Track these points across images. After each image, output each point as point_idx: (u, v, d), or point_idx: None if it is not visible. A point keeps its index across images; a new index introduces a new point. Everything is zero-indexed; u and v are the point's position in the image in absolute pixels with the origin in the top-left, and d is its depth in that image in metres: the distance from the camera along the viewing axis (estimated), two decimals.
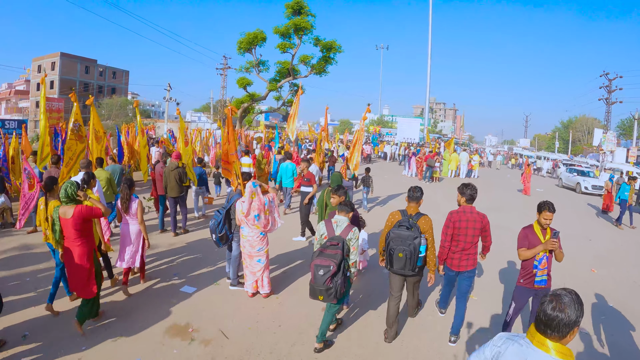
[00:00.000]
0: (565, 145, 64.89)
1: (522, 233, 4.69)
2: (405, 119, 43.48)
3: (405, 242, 4.44)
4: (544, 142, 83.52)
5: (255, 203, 5.64)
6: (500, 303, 6.35)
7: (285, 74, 34.32)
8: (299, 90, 17.75)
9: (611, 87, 39.62)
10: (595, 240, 10.90)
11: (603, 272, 8.21)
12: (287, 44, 31.59)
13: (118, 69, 65.05)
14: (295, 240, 8.84)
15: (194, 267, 7.23)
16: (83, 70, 58.52)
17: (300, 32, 31.09)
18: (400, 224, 4.56)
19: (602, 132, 39.95)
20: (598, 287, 7.34)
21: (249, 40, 32.32)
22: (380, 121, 66.24)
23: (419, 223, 4.65)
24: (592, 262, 8.77)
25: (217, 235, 5.98)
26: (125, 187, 5.87)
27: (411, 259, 4.43)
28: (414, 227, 4.51)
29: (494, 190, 19.60)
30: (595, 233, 11.91)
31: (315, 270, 4.23)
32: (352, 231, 4.52)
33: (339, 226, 4.58)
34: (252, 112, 36.53)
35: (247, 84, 33.71)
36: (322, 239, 4.62)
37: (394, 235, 4.52)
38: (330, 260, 4.19)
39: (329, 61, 33.15)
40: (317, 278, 4.21)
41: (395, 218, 4.76)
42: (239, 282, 6.29)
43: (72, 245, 4.56)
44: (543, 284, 4.52)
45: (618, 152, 37.49)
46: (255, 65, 33.83)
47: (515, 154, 50.79)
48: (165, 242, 8.48)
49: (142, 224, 5.92)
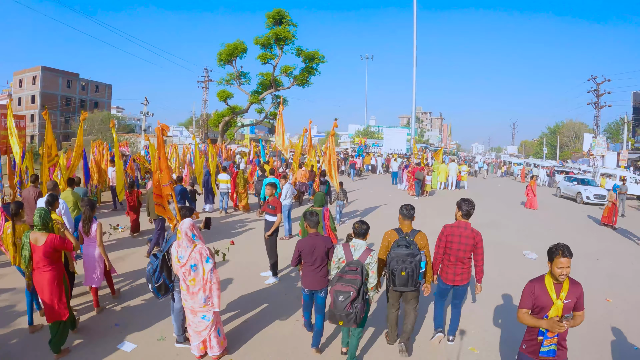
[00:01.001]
0: (553, 150, 64.70)
1: (528, 288, 3.58)
2: (391, 130, 42.71)
3: (406, 260, 4.50)
4: (531, 149, 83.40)
5: (195, 253, 4.44)
6: (498, 356, 5.17)
7: (267, 86, 33.28)
8: (280, 105, 16.88)
9: (599, 90, 39.17)
10: (603, 259, 9.83)
11: (619, 301, 7.11)
12: (268, 55, 30.61)
13: (101, 83, 63.76)
14: (263, 275, 7.55)
15: (142, 312, 6.00)
16: (65, 85, 57.14)
17: (281, 42, 30.14)
18: (399, 244, 4.60)
19: (592, 137, 39.56)
20: (617, 321, 6.23)
21: (229, 52, 31.31)
22: (367, 132, 65.49)
23: (415, 240, 4.76)
24: (604, 289, 7.67)
25: (154, 285, 4.77)
26: (87, 208, 5.81)
27: (413, 276, 4.52)
28: (413, 245, 4.60)
29: (487, 202, 18.47)
30: (603, 250, 10.83)
31: (335, 296, 4.23)
32: (371, 255, 4.46)
33: (357, 250, 4.52)
34: (233, 126, 35.28)
35: (227, 97, 32.59)
36: (340, 263, 4.53)
37: (395, 255, 4.55)
38: (350, 286, 4.19)
39: (312, 72, 32.22)
40: (337, 304, 4.21)
41: (392, 237, 4.81)
42: (186, 338, 5.04)
43: (42, 270, 4.55)
44: (551, 354, 3.44)
45: (609, 156, 37.02)
46: (236, 78, 32.76)
47: (502, 161, 50.21)
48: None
49: (101, 246, 5.81)
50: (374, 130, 66.79)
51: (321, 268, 4.91)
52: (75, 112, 54.63)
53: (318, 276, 4.90)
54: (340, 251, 4.57)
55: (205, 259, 4.42)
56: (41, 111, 52.83)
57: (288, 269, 8.01)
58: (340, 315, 4.22)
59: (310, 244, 4.89)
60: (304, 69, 32.08)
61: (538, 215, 15.98)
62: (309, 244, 4.89)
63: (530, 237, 11.65)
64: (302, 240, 5.07)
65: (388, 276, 4.72)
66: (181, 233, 4.43)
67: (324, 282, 4.93)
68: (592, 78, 39.61)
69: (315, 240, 4.91)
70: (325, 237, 5.06)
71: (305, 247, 4.89)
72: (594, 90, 39.82)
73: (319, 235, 5.04)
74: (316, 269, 4.90)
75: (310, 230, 5.07)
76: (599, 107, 40.07)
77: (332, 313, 4.32)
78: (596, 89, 39.68)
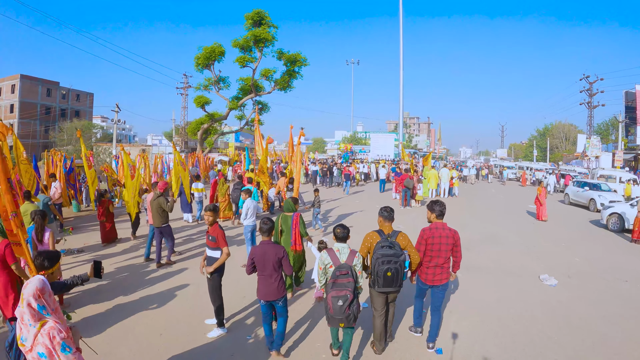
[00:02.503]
0: (543, 153, 63.87)
1: None
2: (378, 135, 41.12)
3: (391, 261, 4.50)
4: (520, 151, 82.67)
5: (43, 336, 2.65)
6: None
7: (248, 91, 31.56)
8: (257, 115, 15.51)
9: (592, 90, 38.03)
10: (634, 281, 8.18)
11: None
12: (247, 58, 28.87)
13: (82, 92, 61.82)
14: (208, 324, 5.70)
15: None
16: (44, 93, 55.20)
17: (260, 44, 28.47)
18: (383, 245, 4.61)
19: (586, 138, 38.40)
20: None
21: (206, 55, 29.60)
22: (353, 138, 64.05)
23: (397, 240, 4.75)
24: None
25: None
26: (39, 217, 5.95)
27: (398, 276, 4.55)
28: (396, 245, 4.61)
29: (483, 212, 16.83)
30: (630, 269, 9.18)
31: (333, 302, 4.32)
32: (357, 257, 4.58)
33: (343, 253, 4.60)
34: (213, 134, 33.41)
35: (205, 103, 30.80)
36: (328, 269, 4.57)
37: (379, 256, 4.54)
38: (346, 290, 4.33)
39: (294, 75, 30.61)
40: (336, 308, 4.31)
41: (373, 239, 4.79)
42: None
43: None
44: None
45: (603, 157, 35.81)
46: (215, 83, 31.01)
47: (492, 164, 48.90)
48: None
49: None
50: (361, 137, 65.41)
51: (275, 278, 4.76)
52: (55, 121, 52.51)
53: (273, 287, 4.74)
54: (327, 257, 4.58)
55: (60, 346, 2.62)
56: (25, 120, 50.93)
57: (244, 312, 6.21)
58: (341, 318, 4.35)
59: (261, 252, 4.75)
60: (285, 73, 30.45)
61: (547, 227, 13.88)
62: (260, 252, 4.75)
63: (543, 256, 9.88)
64: (254, 247, 4.92)
65: (372, 277, 4.70)
66: (22, 301, 2.64)
67: (280, 292, 4.79)
68: (585, 77, 38.45)
69: (266, 249, 4.77)
70: (276, 246, 4.86)
71: (257, 255, 4.76)
72: (587, 89, 38.64)
73: (270, 243, 4.87)
74: (270, 278, 4.74)
75: (263, 238, 4.91)
76: (592, 107, 38.88)
77: (332, 317, 4.41)
78: (589, 89, 38.49)
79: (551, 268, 8.72)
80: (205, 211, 5.35)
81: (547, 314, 6.25)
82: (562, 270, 8.66)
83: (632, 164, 38.01)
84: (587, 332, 5.64)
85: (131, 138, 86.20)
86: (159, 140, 54.92)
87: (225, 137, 67.93)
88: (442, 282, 5.01)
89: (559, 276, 8.09)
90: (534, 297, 6.97)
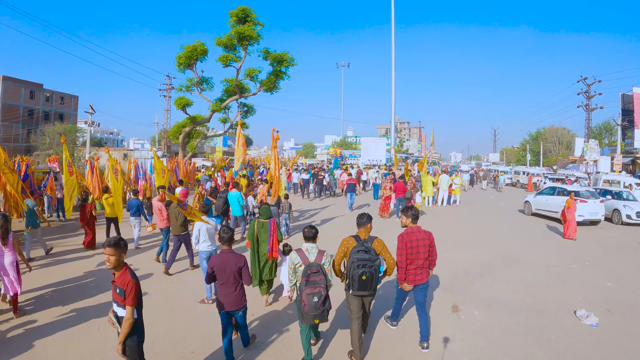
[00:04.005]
0: (536, 157, 62.83)
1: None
2: (369, 139, 39.68)
3: (366, 265, 4.58)
4: (512, 156, 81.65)
5: None
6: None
7: (232, 93, 29.77)
8: (239, 122, 13.86)
9: (590, 92, 36.81)
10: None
11: None
12: (230, 57, 27.03)
13: (66, 94, 59.67)
14: None
15: None
16: (27, 95, 53.08)
17: (244, 42, 26.68)
18: (359, 249, 4.69)
19: (584, 141, 37.18)
20: None
21: (188, 55, 27.73)
22: (344, 143, 62.51)
23: (373, 246, 4.80)
24: None
25: None
26: (2, 219, 6.12)
27: (373, 280, 4.63)
28: (371, 250, 4.69)
29: (494, 225, 15.11)
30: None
31: (308, 299, 4.42)
32: (325, 255, 4.78)
33: (311, 253, 4.79)
34: (195, 138, 31.55)
35: (185, 104, 28.91)
36: (298, 268, 4.75)
37: (354, 260, 4.63)
38: (319, 287, 4.48)
39: (280, 76, 28.86)
40: (311, 305, 4.41)
41: (350, 244, 4.85)
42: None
43: None
44: None
45: (602, 161, 34.55)
46: (197, 84, 29.17)
47: (485, 169, 47.48)
48: None
49: (21, 255, 6.33)
50: (351, 141, 63.93)
51: (236, 287, 4.70)
52: (38, 124, 50.39)
53: (233, 296, 4.67)
54: (296, 257, 4.80)
55: None
56: (7, 122, 48.68)
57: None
58: (315, 315, 4.45)
59: (221, 261, 4.68)
60: (271, 73, 28.71)
61: (576, 247, 11.54)
62: (220, 261, 4.68)
63: (582, 285, 8.05)
64: (215, 256, 4.85)
65: (348, 281, 4.78)
66: None
67: (240, 302, 4.73)
68: (582, 79, 37.21)
69: (226, 257, 4.71)
70: (237, 255, 4.77)
71: (217, 264, 4.68)
72: (585, 91, 37.41)
73: (231, 252, 4.79)
74: (230, 287, 4.67)
75: (224, 246, 4.87)
76: (589, 110, 37.67)
77: (307, 314, 4.47)
78: (586, 91, 37.27)
79: (586, 299, 7.14)
80: (104, 247, 3.57)
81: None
82: (598, 300, 7.10)
83: (629, 167, 36.95)
84: None
85: (119, 142, 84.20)
86: (141, 145, 52.89)
87: (213, 141, 66.17)
88: (423, 281, 5.27)
89: (597, 310, 6.50)
90: (577, 348, 5.34)
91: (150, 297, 6.88)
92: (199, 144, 52.81)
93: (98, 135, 75.67)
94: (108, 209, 10.74)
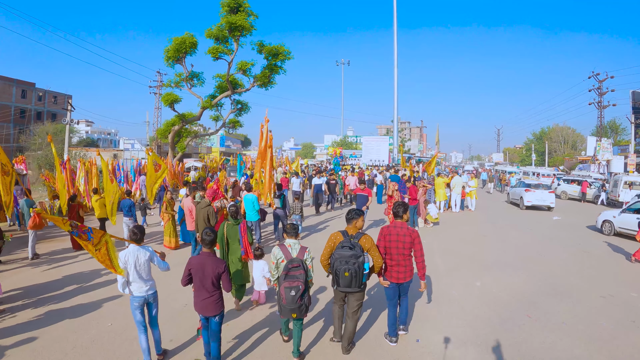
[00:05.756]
0: (541, 157, 61.06)
1: None
2: (371, 138, 37.75)
3: (349, 261, 4.63)
4: (516, 156, 79.76)
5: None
6: None
7: (225, 89, 27.80)
8: (267, 121, 11.96)
9: (602, 89, 34.95)
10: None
11: None
12: (221, 48, 25.10)
13: (59, 93, 58.13)
14: None
15: None
16: (19, 94, 51.64)
17: (236, 33, 24.75)
18: (343, 245, 4.73)
19: (596, 140, 35.38)
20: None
21: (176, 47, 25.77)
22: (344, 142, 60.62)
23: (360, 242, 4.80)
24: None
25: None
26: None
27: (356, 277, 4.63)
28: (356, 247, 4.70)
29: (521, 238, 13.23)
30: None
31: (286, 292, 4.53)
32: (307, 251, 4.94)
33: (294, 249, 4.92)
34: (185, 137, 29.58)
35: (174, 101, 26.90)
36: (280, 263, 4.89)
37: (338, 256, 4.69)
38: (298, 281, 4.57)
39: (276, 70, 26.90)
40: (289, 299, 4.52)
41: (337, 239, 4.91)
42: None
43: None
44: None
45: (615, 161, 32.72)
46: (187, 79, 27.22)
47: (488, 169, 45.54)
48: None
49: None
50: (351, 141, 62.05)
51: (213, 292, 4.53)
52: (30, 123, 48.78)
53: (209, 300, 4.51)
54: (279, 252, 4.94)
55: None
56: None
57: None
58: (293, 308, 4.53)
59: (199, 263, 4.52)
60: (266, 67, 26.75)
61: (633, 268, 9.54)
62: (198, 263, 4.52)
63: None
64: (193, 257, 4.70)
65: (333, 277, 4.84)
66: None
67: (217, 308, 4.56)
68: (594, 75, 35.41)
69: (205, 261, 4.54)
70: (217, 260, 4.61)
71: (194, 266, 4.53)
72: (597, 88, 35.54)
73: (211, 255, 4.62)
74: (207, 292, 4.49)
75: (205, 249, 4.68)
76: (602, 107, 35.84)
77: (285, 308, 4.58)
78: (599, 87, 35.41)
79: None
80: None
81: None
82: None
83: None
84: None
85: (116, 143, 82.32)
86: (131, 145, 50.99)
87: (209, 141, 64.05)
88: (407, 280, 5.18)
89: None
90: None
91: None
92: (194, 144, 51.06)
93: (95, 136, 73.84)
94: (98, 210, 11.00)
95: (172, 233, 10.14)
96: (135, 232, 4.77)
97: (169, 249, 10.08)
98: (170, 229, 10.13)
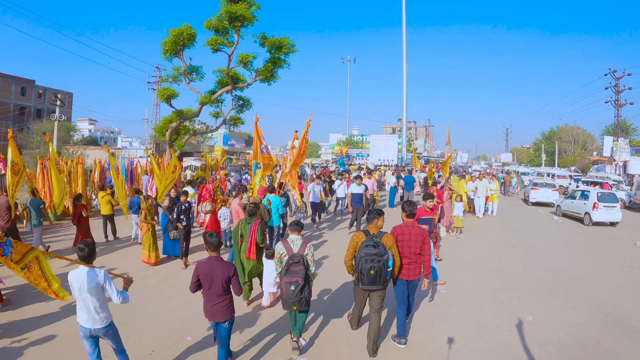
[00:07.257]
0: (550, 157, 59.42)
1: None
2: (379, 136, 36.24)
3: (374, 259, 4.67)
4: (524, 156, 77.99)
5: None
6: None
7: (225, 84, 26.28)
8: (307, 126, 11.47)
9: (619, 86, 33.33)
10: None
11: None
12: (220, 40, 23.59)
13: (60, 91, 56.61)
14: None
15: None
16: (19, 92, 50.62)
17: (237, 24, 23.25)
18: (367, 244, 4.77)
19: (613, 140, 33.78)
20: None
21: (173, 39, 24.27)
22: (349, 141, 59.10)
23: (382, 240, 4.87)
24: None
25: None
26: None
27: (381, 275, 4.70)
28: (380, 245, 4.76)
29: (559, 251, 11.76)
30: None
31: (286, 287, 4.76)
32: (308, 247, 5.10)
33: (295, 244, 5.09)
34: (183, 134, 28.11)
35: (170, 96, 25.38)
36: (283, 258, 5.05)
37: (363, 255, 4.73)
38: (297, 276, 4.78)
39: (279, 64, 25.37)
40: (289, 293, 4.74)
41: (359, 238, 4.94)
42: None
43: None
44: None
45: (633, 162, 31.09)
46: (185, 73, 25.74)
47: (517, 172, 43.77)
48: None
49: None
50: (357, 140, 60.51)
51: (223, 297, 4.36)
52: (29, 121, 47.86)
53: (219, 306, 4.35)
54: (281, 247, 5.10)
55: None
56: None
57: None
58: (293, 302, 4.75)
59: (208, 268, 4.35)
60: (269, 60, 25.22)
61: None
62: (206, 269, 4.35)
63: None
64: (201, 262, 4.50)
65: (357, 275, 4.87)
66: None
67: (227, 314, 4.41)
68: (611, 72, 33.77)
69: (214, 265, 4.37)
70: (225, 263, 4.43)
71: (203, 271, 4.36)
72: (614, 85, 33.93)
73: (219, 259, 4.46)
74: (217, 298, 4.35)
75: (211, 253, 4.51)
76: (619, 105, 34.24)
77: (286, 301, 4.80)
78: (616, 84, 33.80)
79: None
80: None
81: None
82: None
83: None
84: None
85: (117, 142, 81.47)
86: (129, 143, 49.74)
87: (212, 139, 62.61)
88: (416, 277, 5.32)
89: None
90: None
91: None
92: (196, 142, 49.61)
93: (98, 135, 72.79)
94: (103, 206, 11.28)
95: (151, 247, 8.65)
96: (81, 249, 3.73)
97: (148, 265, 8.65)
98: (149, 241, 8.62)
